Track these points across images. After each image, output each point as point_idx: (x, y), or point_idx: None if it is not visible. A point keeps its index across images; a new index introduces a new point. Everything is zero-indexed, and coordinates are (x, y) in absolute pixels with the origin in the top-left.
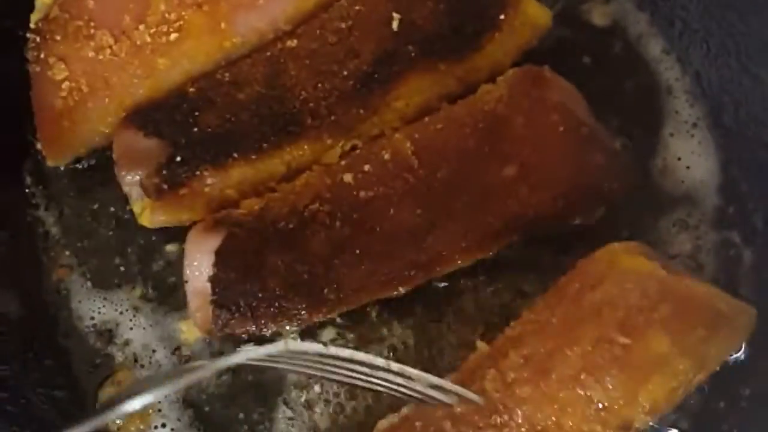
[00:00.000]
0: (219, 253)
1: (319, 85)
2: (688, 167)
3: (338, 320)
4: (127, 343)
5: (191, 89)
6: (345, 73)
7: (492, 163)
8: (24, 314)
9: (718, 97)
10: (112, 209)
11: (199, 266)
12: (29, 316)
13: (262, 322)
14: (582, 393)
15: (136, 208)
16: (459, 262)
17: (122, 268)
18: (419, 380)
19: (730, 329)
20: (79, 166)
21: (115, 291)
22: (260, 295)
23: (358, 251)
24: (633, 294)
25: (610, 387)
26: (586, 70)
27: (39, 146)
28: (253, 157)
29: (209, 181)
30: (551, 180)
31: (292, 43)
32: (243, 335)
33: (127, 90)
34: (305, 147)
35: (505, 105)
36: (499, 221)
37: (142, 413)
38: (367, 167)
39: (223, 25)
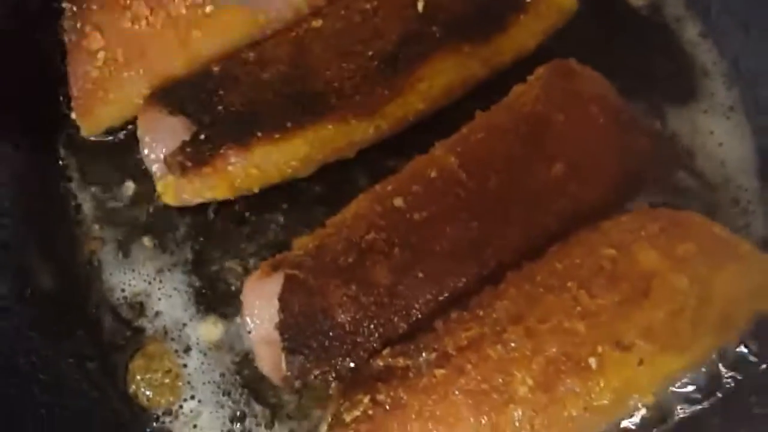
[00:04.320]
0: (282, 299)
1: (344, 65)
2: (720, 144)
3: None
4: (157, 315)
5: (216, 68)
6: (370, 53)
7: (539, 164)
8: (56, 285)
9: (755, 83)
10: (144, 183)
11: (261, 315)
12: (62, 287)
13: (338, 360)
14: (567, 297)
15: (160, 186)
16: (521, 267)
17: (154, 242)
18: None
19: (741, 268)
20: (112, 138)
21: (147, 264)
22: (332, 333)
23: (421, 274)
24: (624, 219)
25: (597, 296)
26: (620, 50)
27: (73, 116)
28: (277, 136)
29: (232, 159)
30: (600, 171)
31: (317, 23)
32: (319, 378)
33: (162, 61)
34: (329, 127)
35: (543, 104)
36: (555, 220)
37: (172, 385)
38: (415, 188)
39: None
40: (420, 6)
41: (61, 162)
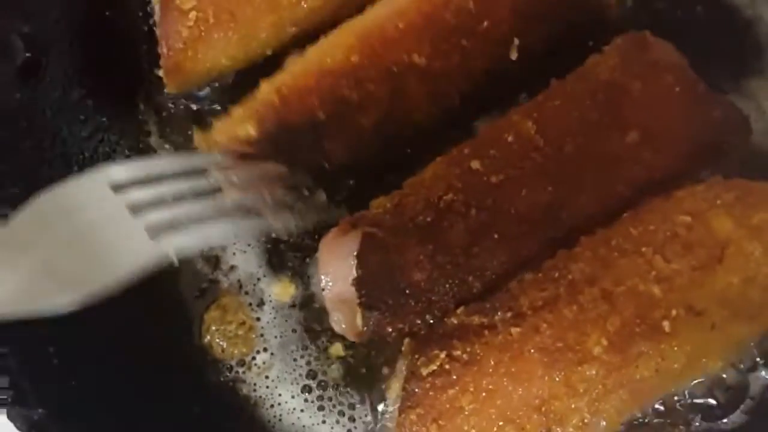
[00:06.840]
0: (360, 256)
1: None
2: None
3: None
4: (232, 269)
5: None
6: None
7: (614, 131)
8: None
9: None
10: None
11: (337, 272)
12: None
13: (412, 317)
14: (642, 261)
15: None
16: (595, 232)
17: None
18: None
19: None
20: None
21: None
22: (407, 291)
23: (496, 236)
24: (698, 188)
25: (672, 262)
26: (686, 26)
27: (160, 73)
28: None
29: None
30: (674, 140)
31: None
32: (393, 334)
33: (252, 24)
34: None
35: (620, 73)
36: (627, 187)
37: (245, 338)
38: (492, 152)
39: None
40: (513, 54)
41: (140, 117)
